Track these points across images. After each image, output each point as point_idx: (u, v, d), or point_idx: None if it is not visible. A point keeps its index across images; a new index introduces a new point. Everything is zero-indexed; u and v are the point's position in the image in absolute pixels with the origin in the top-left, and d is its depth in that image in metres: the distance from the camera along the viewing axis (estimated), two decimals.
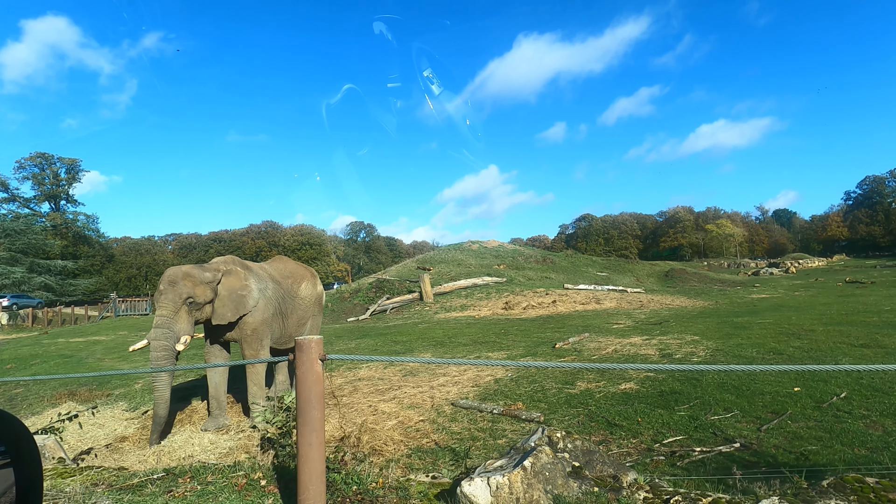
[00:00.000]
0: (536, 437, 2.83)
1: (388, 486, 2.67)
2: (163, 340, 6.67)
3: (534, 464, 2.39)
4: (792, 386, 7.60)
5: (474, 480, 2.36)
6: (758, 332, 11.49)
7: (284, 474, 2.80)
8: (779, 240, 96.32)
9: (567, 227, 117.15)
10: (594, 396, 7.84)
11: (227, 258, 7.78)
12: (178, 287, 6.81)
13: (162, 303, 6.73)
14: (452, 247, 39.10)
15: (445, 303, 23.14)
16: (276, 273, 8.41)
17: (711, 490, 3.59)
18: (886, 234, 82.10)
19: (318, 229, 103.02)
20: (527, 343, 12.03)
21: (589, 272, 33.87)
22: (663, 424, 6.64)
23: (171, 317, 6.72)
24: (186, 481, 2.81)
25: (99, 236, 71.15)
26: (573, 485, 2.43)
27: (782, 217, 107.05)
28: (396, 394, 8.57)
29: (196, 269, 7.22)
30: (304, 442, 2.37)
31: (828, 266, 52.38)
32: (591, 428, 6.72)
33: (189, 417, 7.96)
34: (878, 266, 42.34)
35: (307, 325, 8.99)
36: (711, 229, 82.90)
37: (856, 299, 17.70)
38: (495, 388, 8.56)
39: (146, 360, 13.97)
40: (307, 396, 2.41)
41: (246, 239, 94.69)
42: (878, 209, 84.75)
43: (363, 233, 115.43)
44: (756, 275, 43.83)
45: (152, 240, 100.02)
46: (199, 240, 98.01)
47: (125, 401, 9.42)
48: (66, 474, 2.89)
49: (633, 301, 20.68)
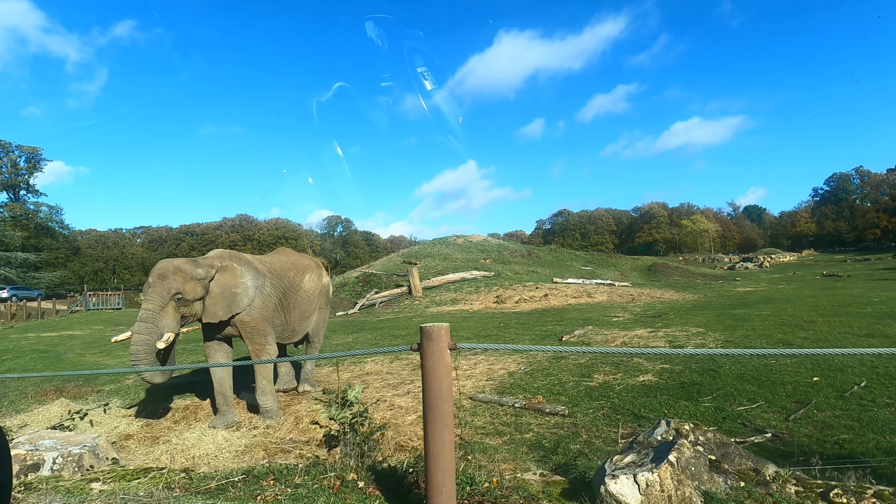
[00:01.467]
0: (662, 430, 2.62)
1: (504, 485, 2.42)
2: (145, 335, 6.29)
3: (678, 458, 2.18)
4: (810, 376, 7.58)
5: (619, 478, 2.14)
6: (760, 323, 11.54)
7: (378, 475, 2.53)
8: (750, 235, 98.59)
9: (544, 222, 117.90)
10: (614, 389, 7.71)
11: (223, 252, 7.38)
12: (167, 281, 6.44)
13: (149, 296, 6.37)
14: (438, 241, 38.86)
15: (435, 297, 22.88)
16: (278, 266, 8.02)
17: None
18: (851, 230, 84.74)
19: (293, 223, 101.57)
20: (531, 336, 11.87)
21: (574, 266, 34.03)
22: (690, 416, 6.52)
23: (156, 311, 6.35)
24: (271, 483, 2.52)
25: (63, 228, 68.65)
26: (718, 479, 2.24)
27: (753, 213, 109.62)
28: (409, 388, 8.31)
29: (188, 264, 6.80)
30: (435, 440, 2.12)
31: (799, 261, 53.75)
32: (618, 420, 6.58)
33: (194, 414, 7.56)
34: (849, 261, 43.62)
35: (312, 318, 8.64)
36: (687, 225, 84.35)
37: (840, 292, 18.05)
38: (511, 382, 8.36)
39: None
40: (437, 389, 2.16)
41: (220, 233, 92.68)
42: (843, 205, 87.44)
43: (340, 227, 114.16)
44: (732, 269, 44.63)
45: (120, 232, 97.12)
46: (169, 233, 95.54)
47: (118, 397, 8.94)
48: (128, 476, 2.58)
49: (623, 294, 20.75)
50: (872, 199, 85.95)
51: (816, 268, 37.70)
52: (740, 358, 8.65)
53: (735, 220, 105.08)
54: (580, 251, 56.23)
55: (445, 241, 37.73)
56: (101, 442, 2.92)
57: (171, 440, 6.25)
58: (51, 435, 2.97)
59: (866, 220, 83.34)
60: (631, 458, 2.34)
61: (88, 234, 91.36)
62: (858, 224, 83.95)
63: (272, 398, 7.33)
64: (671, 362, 8.76)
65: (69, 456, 2.63)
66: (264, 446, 6.17)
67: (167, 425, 7.14)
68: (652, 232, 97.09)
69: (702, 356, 8.97)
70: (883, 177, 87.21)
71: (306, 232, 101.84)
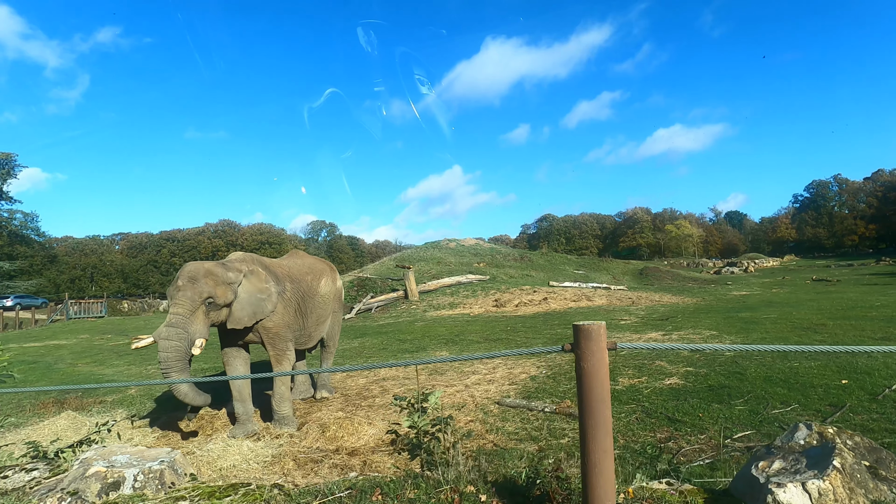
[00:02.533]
0: (804, 434, 2.45)
1: (643, 496, 2.21)
2: (175, 341, 5.95)
3: (843, 465, 2.01)
4: (837, 379, 7.51)
5: (787, 487, 1.96)
6: (770, 326, 11.53)
7: (498, 487, 2.31)
8: (731, 240, 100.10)
9: (529, 226, 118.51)
10: (642, 392, 7.57)
11: (245, 256, 7.10)
12: (198, 285, 6.13)
13: (179, 300, 6.04)
14: (430, 245, 38.62)
15: (432, 301, 22.63)
16: (296, 270, 7.76)
17: None
18: (831, 237, 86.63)
19: (277, 228, 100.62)
20: (543, 340, 11.71)
21: (567, 270, 34.06)
22: (726, 419, 6.40)
23: (186, 316, 6.03)
24: (379, 498, 2.29)
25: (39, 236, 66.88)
26: (883, 487, 2.07)
27: (734, 219, 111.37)
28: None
29: (219, 268, 6.52)
30: (596, 448, 1.92)
31: (782, 266, 54.65)
32: (652, 424, 6.43)
33: (210, 423, 7.23)
34: (833, 266, 44.38)
35: (327, 322, 8.38)
36: (671, 230, 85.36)
37: (837, 296, 18.22)
38: (535, 386, 8.17)
39: (133, 363, 12.99)
40: (599, 393, 1.97)
41: (202, 238, 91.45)
42: (822, 212, 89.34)
43: (325, 232, 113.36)
44: (718, 273, 45.16)
45: (98, 239, 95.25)
46: (150, 239, 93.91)
47: (123, 408, 8.55)
48: (218, 494, 2.32)
49: (622, 298, 20.73)
50: (850, 207, 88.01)
51: (802, 272, 38.30)
52: (765, 361, 8.58)
53: (717, 225, 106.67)
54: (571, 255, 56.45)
55: (438, 245, 37.51)
56: (177, 456, 2.67)
57: (193, 452, 5.93)
58: (122, 450, 2.70)
59: (844, 226, 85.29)
60: (780, 465, 2.17)
61: (65, 242, 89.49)
62: (837, 230, 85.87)
63: (289, 406, 7.06)
64: (695, 365, 8.65)
65: (150, 472, 2.38)
66: (293, 456, 5.89)
67: (184, 436, 6.80)
68: (636, 237, 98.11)
69: (725, 358, 8.89)
70: (860, 185, 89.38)
71: (290, 237, 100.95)
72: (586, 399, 2.03)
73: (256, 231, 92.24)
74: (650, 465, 4.75)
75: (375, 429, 6.67)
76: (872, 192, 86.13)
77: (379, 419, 7.03)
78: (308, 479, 5.39)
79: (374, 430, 6.65)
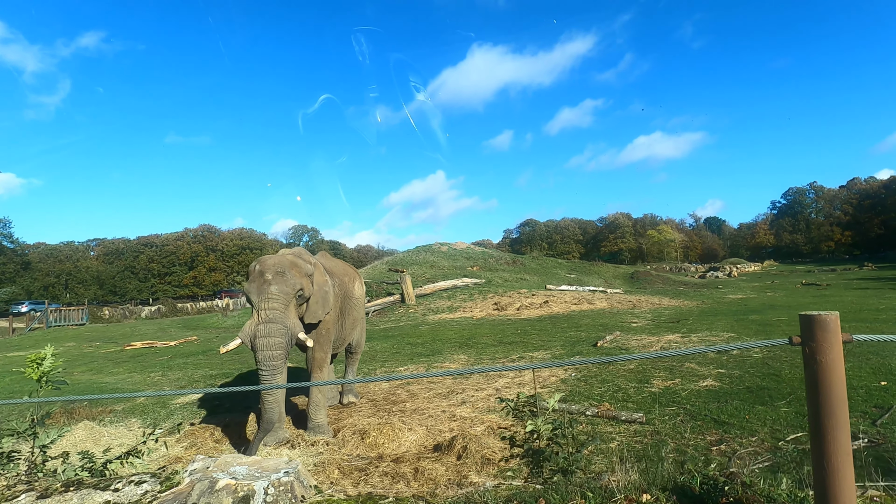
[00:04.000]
0: None
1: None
2: (278, 337, 5.63)
3: None
4: (873, 380, 7.45)
5: None
6: (787, 328, 11.53)
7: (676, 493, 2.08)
8: (711, 246, 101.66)
9: (511, 231, 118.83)
10: (680, 395, 7.43)
11: (300, 250, 6.80)
12: (288, 277, 5.84)
13: (272, 294, 5.69)
14: (422, 248, 38.32)
15: (429, 305, 22.35)
16: (336, 270, 7.52)
17: None
18: (808, 243, 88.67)
19: (258, 233, 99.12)
20: (561, 341, 11.53)
21: (559, 274, 34.06)
22: (773, 421, 6.29)
23: (282, 310, 5.72)
24: None
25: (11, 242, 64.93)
26: None
27: (713, 224, 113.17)
28: (462, 397, 7.81)
29: (300, 259, 6.29)
30: (838, 451, 1.71)
31: (764, 270, 55.52)
32: (699, 427, 6.28)
33: (237, 432, 6.86)
34: (816, 271, 45.22)
35: (358, 327, 8.12)
36: (653, 234, 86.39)
37: (835, 299, 18.44)
38: (568, 389, 7.97)
39: (133, 370, 12.41)
40: (839, 392, 1.77)
41: (181, 244, 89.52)
42: (799, 219, 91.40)
43: (306, 236, 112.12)
44: (703, 278, 45.61)
45: (73, 245, 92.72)
46: (127, 245, 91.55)
47: (136, 417, 8.11)
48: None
49: (622, 301, 20.71)
50: (826, 214, 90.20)
51: (788, 277, 38.87)
52: (795, 362, 8.51)
53: (696, 230, 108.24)
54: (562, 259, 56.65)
55: (430, 249, 37.24)
56: (300, 467, 2.39)
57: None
58: (237, 460, 2.42)
59: (821, 233, 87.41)
60: None
61: (37, 248, 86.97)
62: (814, 237, 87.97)
63: (325, 413, 6.75)
64: (726, 367, 8.55)
65: (279, 485, 2.12)
66: (336, 464, 5.59)
67: (212, 445, 6.44)
68: (617, 241, 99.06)
69: (754, 360, 8.82)
70: (836, 192, 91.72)
71: (271, 242, 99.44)
72: (824, 397, 1.83)
73: (237, 236, 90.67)
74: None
75: (416, 434, 6.39)
76: (848, 200, 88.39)
77: (416, 424, 6.75)
78: (359, 488, 5.10)
79: (415, 436, 6.37)
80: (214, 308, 47.50)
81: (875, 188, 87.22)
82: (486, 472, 5.41)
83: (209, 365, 12.25)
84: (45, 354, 3.57)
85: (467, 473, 5.37)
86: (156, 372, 11.84)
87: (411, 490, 4.93)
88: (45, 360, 3.52)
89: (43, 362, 3.52)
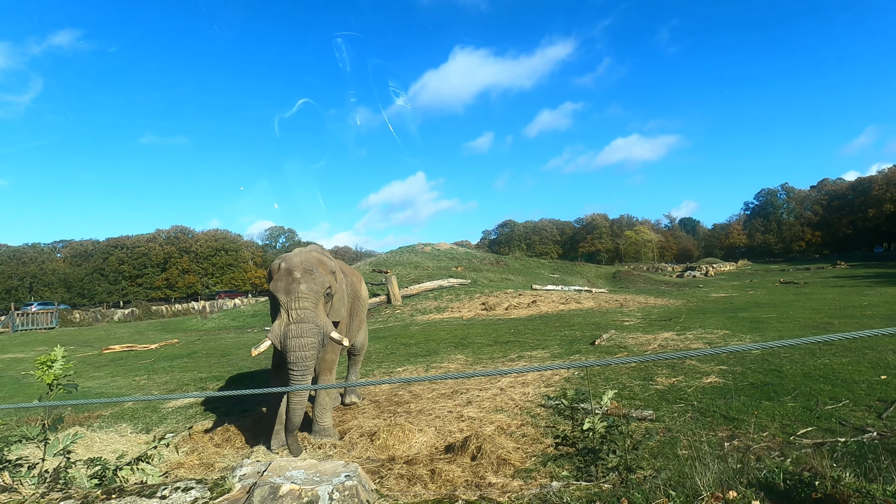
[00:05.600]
0: None
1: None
2: (310, 337, 5.42)
3: None
4: (875, 375, 7.54)
5: None
6: (779, 325, 11.65)
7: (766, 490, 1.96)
8: (686, 246, 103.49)
9: (490, 232, 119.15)
10: (685, 391, 7.43)
11: (316, 247, 6.57)
12: (317, 275, 5.63)
13: (303, 293, 5.47)
14: (405, 249, 38.06)
15: (416, 305, 22.15)
16: (346, 269, 7.32)
17: None
18: (780, 242, 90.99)
19: (233, 234, 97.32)
20: (557, 341, 11.47)
21: (543, 274, 34.18)
22: (782, 416, 6.31)
23: (313, 309, 5.51)
24: None
25: None
26: None
27: (687, 225, 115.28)
28: (467, 397, 7.67)
29: (325, 256, 6.11)
30: None
31: (738, 270, 56.68)
32: (709, 423, 6.28)
33: (238, 436, 6.60)
34: (791, 270, 46.28)
35: (363, 328, 7.94)
36: (631, 235, 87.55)
37: (817, 297, 18.79)
38: (576, 388, 7.84)
39: (116, 374, 11.89)
40: None
41: (153, 245, 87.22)
42: (771, 219, 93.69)
43: (283, 238, 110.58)
44: (681, 277, 46.33)
45: (38, 247, 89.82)
46: (95, 246, 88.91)
47: (126, 422, 7.78)
48: None
49: (609, 301, 20.81)
50: (797, 214, 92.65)
51: (764, 276, 39.70)
52: (795, 358, 8.60)
53: (672, 231, 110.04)
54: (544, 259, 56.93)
55: (413, 250, 37.02)
56: (360, 470, 2.23)
57: None
58: (292, 464, 2.25)
59: (793, 233, 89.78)
60: None
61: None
62: (786, 237, 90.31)
63: (331, 416, 6.54)
64: (727, 364, 8.58)
65: (344, 490, 1.97)
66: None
67: (213, 450, 6.17)
68: (594, 242, 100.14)
69: (754, 357, 8.87)
70: (806, 193, 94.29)
71: (246, 243, 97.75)
72: None
73: (211, 237, 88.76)
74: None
75: (426, 436, 6.23)
76: (818, 201, 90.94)
77: (424, 425, 6.59)
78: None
79: (426, 437, 6.21)
80: (191, 311, 46.54)
81: (843, 189, 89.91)
82: (503, 473, 5.30)
83: (196, 368, 11.87)
84: (55, 356, 3.31)
85: (484, 474, 5.24)
86: (140, 376, 11.42)
87: (429, 493, 4.77)
88: (56, 363, 3.27)
89: (53, 365, 3.26)
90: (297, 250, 6.32)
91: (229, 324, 26.48)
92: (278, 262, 5.87)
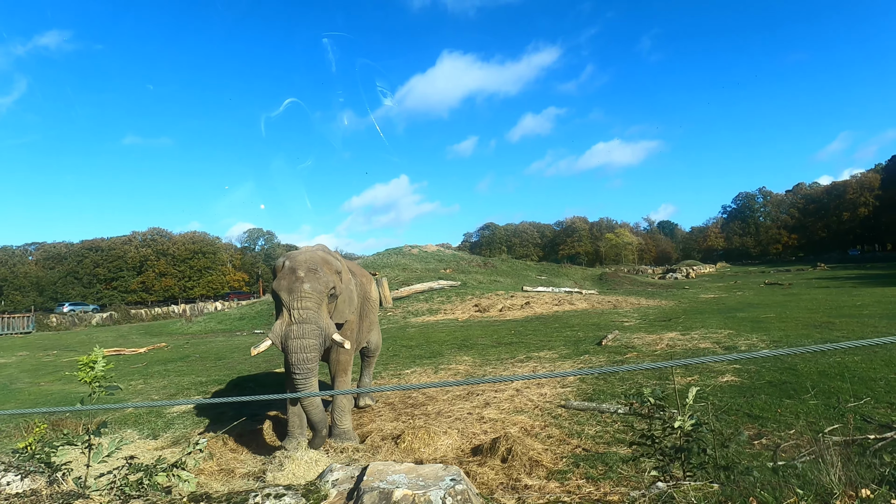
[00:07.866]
0: None
1: None
2: (312, 339, 5.21)
3: None
4: (890, 372, 7.58)
5: None
6: (780, 325, 11.74)
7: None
8: (665, 248, 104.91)
9: (471, 235, 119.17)
10: (704, 390, 7.39)
11: (322, 246, 6.37)
12: (321, 274, 5.44)
13: (305, 293, 5.27)
14: (392, 251, 37.80)
15: (408, 307, 21.95)
16: (355, 269, 7.12)
17: None
18: (757, 245, 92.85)
19: (211, 237, 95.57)
20: (561, 342, 11.40)
21: (530, 276, 34.24)
22: (805, 414, 6.32)
23: (316, 310, 5.30)
24: None
25: None
26: None
27: (666, 228, 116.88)
28: (484, 399, 7.53)
29: (330, 255, 5.92)
30: None
31: (718, 272, 57.52)
32: (734, 421, 6.25)
33: (254, 440, 6.40)
34: (772, 271, 47.16)
35: (374, 330, 7.74)
36: (611, 238, 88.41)
37: (806, 297, 19.08)
38: (590, 389, 7.80)
39: (109, 379, 11.42)
40: None
41: (128, 248, 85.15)
42: (749, 222, 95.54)
43: (262, 240, 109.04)
44: (663, 279, 46.85)
45: (8, 249, 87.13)
46: (69, 248, 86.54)
47: (130, 427, 7.48)
48: None
49: (602, 302, 20.88)
50: (774, 217, 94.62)
51: (748, 277, 40.33)
52: (809, 356, 8.61)
53: (651, 234, 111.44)
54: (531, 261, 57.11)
55: (401, 252, 36.78)
56: (462, 473, 2.08)
57: (265, 473, 5.13)
58: (391, 468, 2.10)
59: (769, 235, 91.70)
60: None
61: None
62: (763, 239, 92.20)
63: (350, 418, 6.35)
64: (741, 362, 8.58)
65: (456, 494, 1.83)
66: None
67: (231, 455, 5.94)
68: (574, 245, 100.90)
69: (768, 355, 8.88)
70: (783, 197, 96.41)
71: (225, 245, 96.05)
72: None
73: (189, 240, 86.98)
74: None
75: (451, 438, 6.08)
76: (794, 204, 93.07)
77: (447, 427, 6.43)
78: None
79: (451, 439, 6.06)
80: (171, 314, 45.56)
81: (819, 193, 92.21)
82: (536, 475, 5.17)
83: (193, 372, 11.52)
84: (96, 357, 3.09)
85: (518, 476, 5.11)
86: (135, 380, 11.04)
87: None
88: (98, 364, 3.04)
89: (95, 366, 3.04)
90: (303, 248, 6.14)
91: (216, 327, 25.98)
92: (282, 259, 5.72)
